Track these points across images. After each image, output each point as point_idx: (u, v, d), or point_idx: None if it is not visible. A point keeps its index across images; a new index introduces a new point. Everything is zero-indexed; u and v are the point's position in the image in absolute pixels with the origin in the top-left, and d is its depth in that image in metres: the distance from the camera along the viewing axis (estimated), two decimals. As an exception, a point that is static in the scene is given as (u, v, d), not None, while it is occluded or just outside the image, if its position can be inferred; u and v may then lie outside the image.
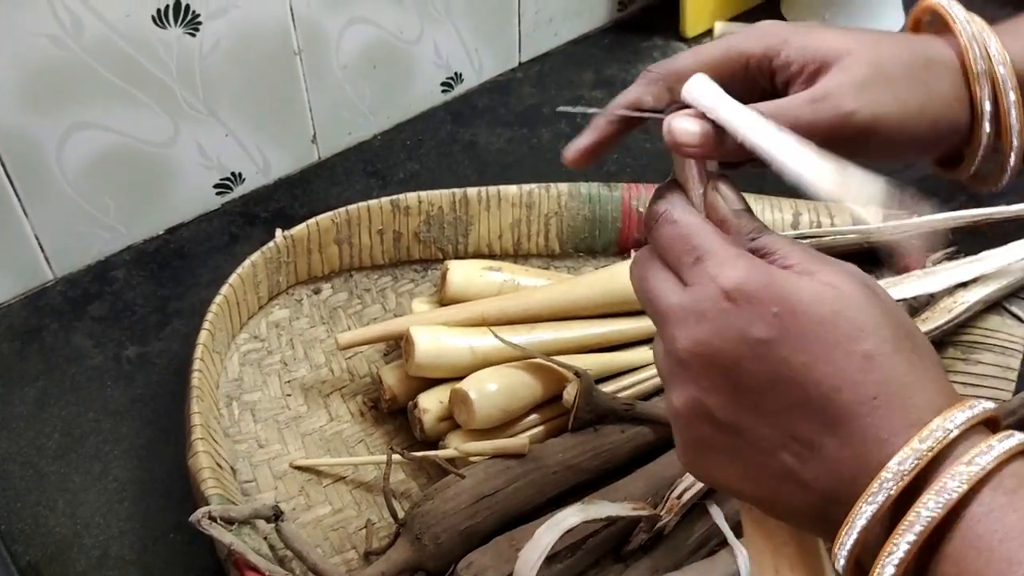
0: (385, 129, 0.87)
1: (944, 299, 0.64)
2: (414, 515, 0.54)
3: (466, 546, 0.54)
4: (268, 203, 0.80)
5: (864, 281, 0.31)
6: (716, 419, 0.31)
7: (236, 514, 0.51)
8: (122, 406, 0.66)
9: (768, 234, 0.33)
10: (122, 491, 0.62)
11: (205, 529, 0.48)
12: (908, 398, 0.29)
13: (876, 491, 0.28)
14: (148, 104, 0.71)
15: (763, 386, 0.30)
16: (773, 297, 0.30)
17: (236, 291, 0.66)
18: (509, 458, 0.57)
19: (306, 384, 0.66)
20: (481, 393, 0.58)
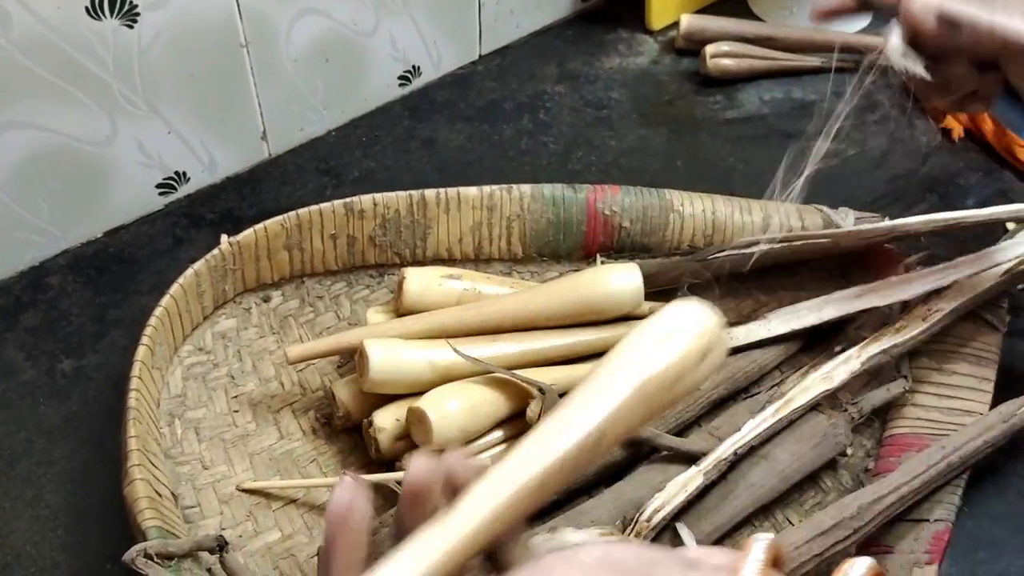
0: (339, 125, 0.83)
1: (918, 307, 0.62)
2: (370, 543, 0.51)
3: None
4: (215, 203, 0.76)
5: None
6: None
7: (176, 548, 0.48)
8: (56, 425, 0.62)
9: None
10: (55, 518, 0.58)
11: (140, 569, 0.45)
12: None
13: None
14: (83, 101, 0.66)
15: None
16: None
17: (178, 302, 0.62)
18: (470, 480, 0.54)
19: (254, 399, 0.63)
20: (440, 413, 0.55)
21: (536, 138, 0.83)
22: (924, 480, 0.54)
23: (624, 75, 0.89)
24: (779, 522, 0.57)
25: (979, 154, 0.83)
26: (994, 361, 0.63)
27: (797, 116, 0.87)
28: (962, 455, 0.55)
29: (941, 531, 0.54)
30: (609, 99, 0.87)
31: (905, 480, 0.53)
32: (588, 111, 0.86)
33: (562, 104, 0.86)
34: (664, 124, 0.84)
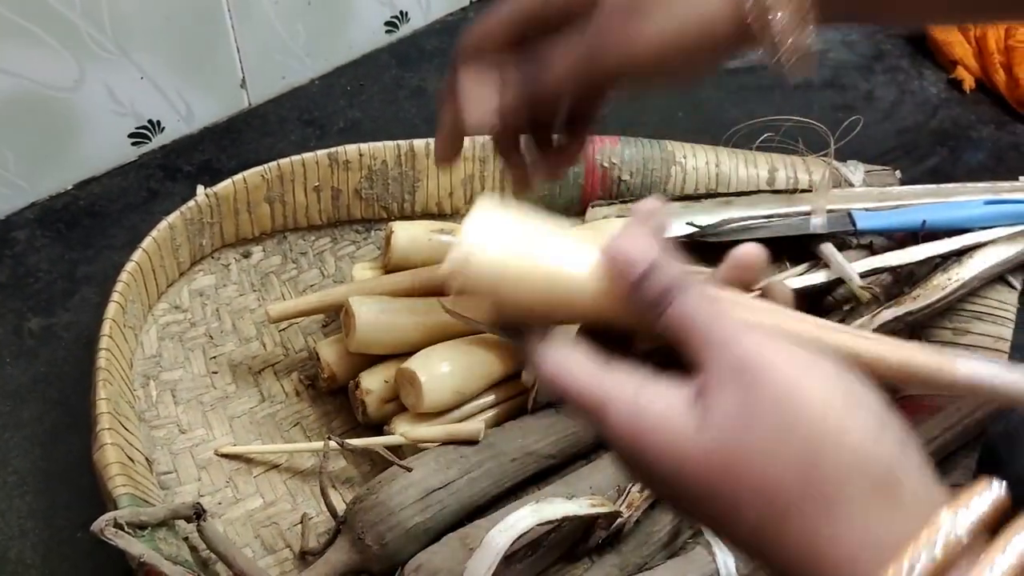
0: (323, 73, 0.79)
1: (937, 276, 0.59)
2: (355, 511, 0.48)
3: (414, 545, 0.48)
4: (192, 155, 0.72)
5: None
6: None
7: (149, 517, 0.45)
8: (23, 386, 0.59)
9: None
10: (23, 484, 0.54)
11: (110, 539, 0.41)
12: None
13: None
14: (48, 43, 0.62)
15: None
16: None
17: (151, 257, 0.58)
18: (462, 445, 0.51)
19: (234, 360, 0.59)
20: (431, 374, 0.52)
21: (530, 88, 0.79)
22: (940, 443, 0.51)
23: (622, 23, 0.85)
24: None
25: (991, 106, 0.79)
26: (1011, 320, 0.60)
27: (802, 66, 0.83)
28: (979, 417, 0.52)
29: (956, 496, 0.51)
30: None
31: (920, 443, 0.51)
32: (584, 60, 0.81)
33: (557, 53, 0.82)
34: (664, 74, 0.80)
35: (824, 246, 0.64)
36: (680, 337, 0.28)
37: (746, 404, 0.26)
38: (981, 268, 0.61)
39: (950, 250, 0.63)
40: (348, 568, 0.48)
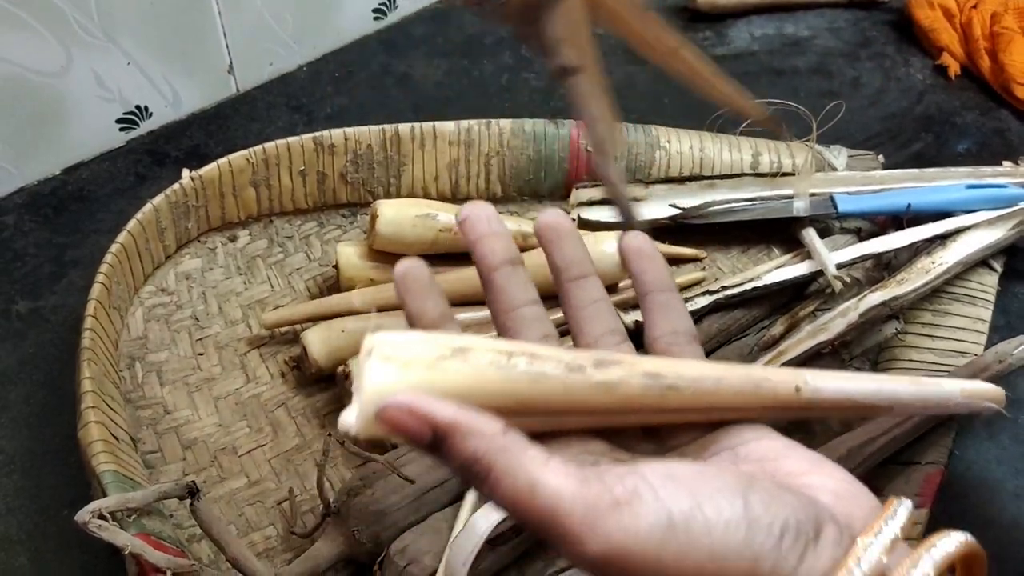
0: (311, 60, 0.79)
1: (921, 259, 0.60)
2: (348, 507, 0.48)
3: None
4: (180, 140, 0.73)
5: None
6: None
7: (138, 502, 0.45)
8: (10, 368, 0.59)
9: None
10: (10, 463, 0.55)
11: (93, 532, 0.42)
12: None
13: None
14: (35, 28, 0.62)
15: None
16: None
17: (136, 239, 0.58)
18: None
19: (220, 342, 0.60)
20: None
21: (518, 75, 0.80)
22: (916, 422, 0.52)
23: (609, 10, 0.85)
24: (765, 466, 0.55)
25: (976, 92, 0.80)
26: (989, 301, 0.61)
27: (789, 53, 0.84)
28: (956, 396, 0.52)
29: (932, 474, 0.52)
30: (594, 34, 0.83)
31: (896, 422, 0.51)
32: (571, 47, 0.82)
33: (544, 39, 0.82)
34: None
35: (805, 232, 0.64)
36: (516, 518, 0.26)
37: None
38: (965, 252, 0.61)
39: (933, 235, 0.63)
40: (338, 559, 0.48)
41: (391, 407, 0.25)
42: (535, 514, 0.25)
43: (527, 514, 0.25)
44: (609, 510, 0.24)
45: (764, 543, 0.24)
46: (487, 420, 0.25)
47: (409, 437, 0.25)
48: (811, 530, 0.25)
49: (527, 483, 0.24)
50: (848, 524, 0.26)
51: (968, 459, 0.55)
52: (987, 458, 0.56)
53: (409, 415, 0.25)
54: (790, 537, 0.25)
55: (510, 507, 0.25)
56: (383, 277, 0.60)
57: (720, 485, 0.25)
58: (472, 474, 0.25)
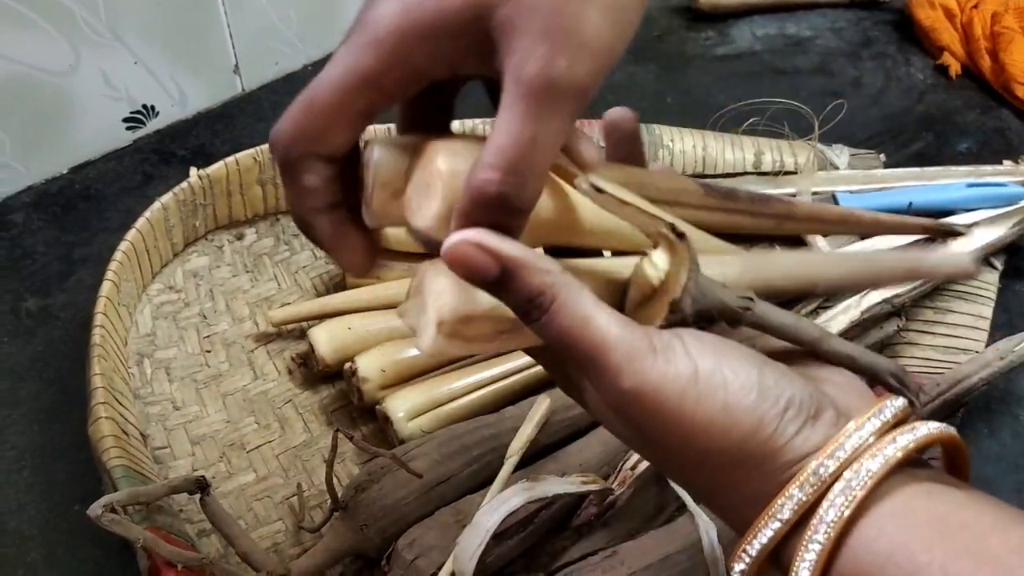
0: (316, 59, 0.79)
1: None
2: (357, 502, 0.49)
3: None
4: (186, 139, 0.73)
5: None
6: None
7: (148, 497, 0.45)
8: (21, 365, 0.60)
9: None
10: (21, 459, 0.56)
11: (106, 526, 0.42)
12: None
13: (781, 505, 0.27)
14: (43, 27, 0.63)
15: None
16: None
17: (145, 237, 0.59)
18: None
19: (228, 339, 0.60)
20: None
21: (521, 74, 0.80)
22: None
23: (612, 10, 0.86)
24: (768, 462, 0.55)
25: (977, 91, 0.80)
26: (990, 299, 0.61)
27: (791, 52, 0.84)
28: (957, 392, 0.53)
29: (934, 470, 0.52)
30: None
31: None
32: (575, 46, 0.82)
33: (548, 39, 0.83)
34: (654, 60, 0.81)
35: (809, 229, 0.65)
36: (562, 352, 0.28)
37: (640, 430, 0.29)
38: (966, 251, 0.62)
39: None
40: (346, 553, 0.49)
41: (462, 243, 0.27)
42: (584, 344, 0.27)
43: (576, 343, 0.27)
44: (647, 352, 0.27)
45: (769, 410, 0.27)
46: (549, 259, 0.28)
47: (476, 273, 0.27)
48: (812, 409, 0.28)
49: (583, 315, 0.27)
50: (846, 413, 0.28)
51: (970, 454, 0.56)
52: (988, 454, 0.57)
53: (478, 250, 0.27)
54: (792, 411, 0.27)
55: (561, 336, 0.27)
56: (390, 275, 0.60)
57: (740, 355, 0.28)
58: (535, 305, 0.27)
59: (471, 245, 0.27)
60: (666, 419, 0.27)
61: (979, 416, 0.58)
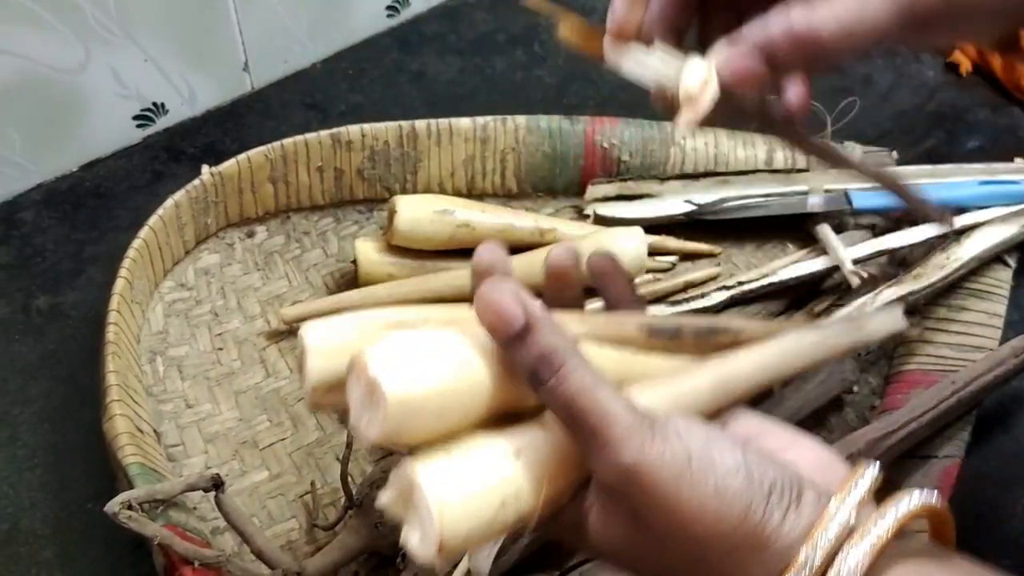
0: (325, 57, 0.79)
1: (936, 255, 0.60)
2: (372, 499, 0.49)
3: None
4: (195, 137, 0.73)
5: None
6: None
7: (164, 494, 0.45)
8: (32, 363, 0.59)
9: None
10: (33, 458, 0.55)
11: (124, 523, 0.42)
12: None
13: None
14: (54, 25, 0.63)
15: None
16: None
17: (158, 235, 0.59)
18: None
19: (240, 337, 0.60)
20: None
21: (530, 72, 0.80)
22: (934, 416, 0.52)
23: (621, 7, 0.86)
24: (783, 460, 0.55)
25: (987, 89, 0.80)
26: (1004, 296, 0.61)
27: (800, 50, 0.84)
28: (973, 390, 0.53)
29: (950, 467, 0.52)
30: (606, 32, 0.83)
31: (914, 416, 0.52)
32: (584, 44, 0.82)
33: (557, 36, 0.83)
34: (663, 58, 0.81)
35: (820, 227, 0.65)
36: (565, 419, 0.29)
37: (636, 517, 0.29)
38: (979, 248, 0.62)
39: (948, 231, 0.64)
40: (361, 551, 0.49)
41: (499, 290, 0.28)
42: (590, 413, 0.28)
43: (583, 411, 0.28)
44: (647, 431, 0.28)
45: (756, 494, 0.28)
46: (566, 329, 0.29)
47: (505, 319, 0.28)
48: (794, 493, 0.28)
49: (592, 383, 0.28)
50: (826, 491, 0.29)
51: (984, 452, 0.56)
52: (1003, 451, 0.56)
53: (513, 299, 0.28)
54: (776, 495, 0.28)
55: (567, 403, 0.28)
56: (401, 272, 0.60)
57: (725, 437, 0.29)
58: (546, 364, 0.28)
59: (508, 294, 0.28)
60: (662, 503, 0.28)
61: (993, 414, 0.57)
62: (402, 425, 0.28)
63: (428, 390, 0.28)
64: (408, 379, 0.28)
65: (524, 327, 0.28)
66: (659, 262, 0.64)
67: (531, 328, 0.28)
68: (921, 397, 0.53)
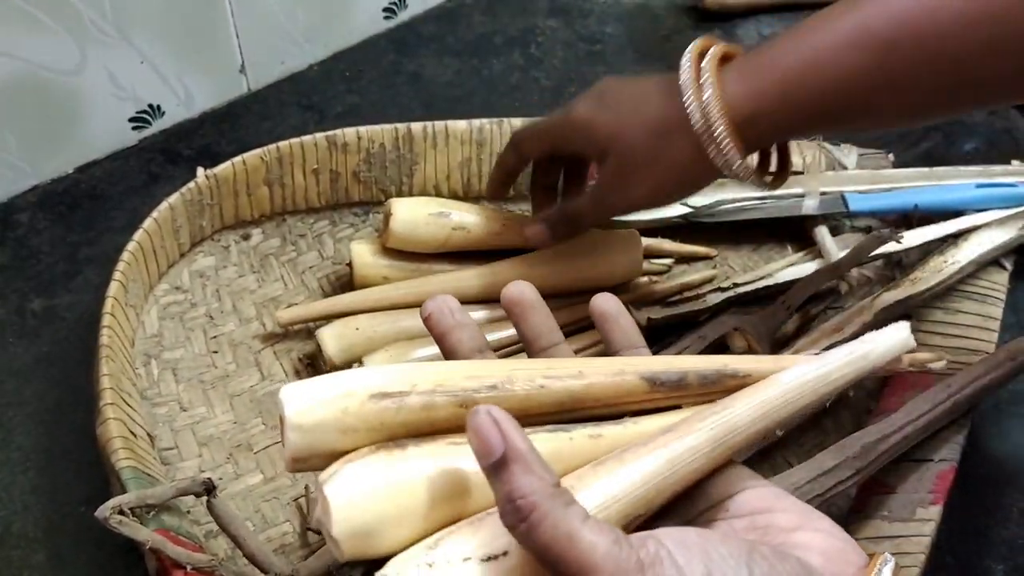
0: (322, 59, 0.79)
1: (934, 258, 0.60)
2: None
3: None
4: (192, 139, 0.73)
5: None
6: None
7: (156, 499, 0.45)
8: (26, 365, 0.59)
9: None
10: (26, 460, 0.55)
11: (114, 528, 0.42)
12: None
13: None
14: (50, 26, 0.63)
15: None
16: None
17: (152, 237, 0.59)
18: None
19: (235, 340, 0.60)
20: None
21: (527, 74, 0.80)
22: (929, 419, 0.52)
23: (618, 9, 0.86)
24: (778, 464, 0.55)
25: (985, 91, 0.80)
26: (1000, 299, 0.61)
27: (797, 52, 0.84)
28: (968, 393, 0.53)
29: (945, 471, 0.52)
30: (603, 33, 0.83)
31: (910, 419, 0.52)
32: (581, 46, 0.82)
33: (554, 39, 0.83)
34: (660, 60, 0.81)
35: (816, 230, 0.65)
36: (542, 563, 0.27)
37: None
38: (977, 252, 0.62)
39: (945, 234, 0.63)
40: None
41: (485, 413, 0.27)
42: (569, 563, 0.26)
43: (560, 561, 0.26)
44: (635, 570, 0.26)
45: None
46: (547, 468, 0.27)
47: (484, 445, 0.27)
48: None
49: (567, 533, 0.26)
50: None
51: (980, 456, 0.56)
52: (998, 455, 0.56)
53: (494, 427, 0.27)
54: None
55: (542, 551, 0.26)
56: (396, 275, 0.60)
57: (726, 552, 0.27)
58: (514, 508, 0.26)
59: (492, 420, 0.27)
60: None
61: (988, 417, 0.57)
62: (363, 552, 0.29)
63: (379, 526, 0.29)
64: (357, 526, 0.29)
65: (501, 458, 0.27)
66: (655, 265, 0.64)
67: (506, 461, 0.27)
68: (917, 400, 0.53)
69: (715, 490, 0.33)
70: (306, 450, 0.30)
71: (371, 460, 0.30)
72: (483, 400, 0.31)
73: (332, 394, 0.31)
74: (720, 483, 0.33)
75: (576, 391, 0.33)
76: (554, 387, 0.33)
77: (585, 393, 0.33)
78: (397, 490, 0.29)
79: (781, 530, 0.30)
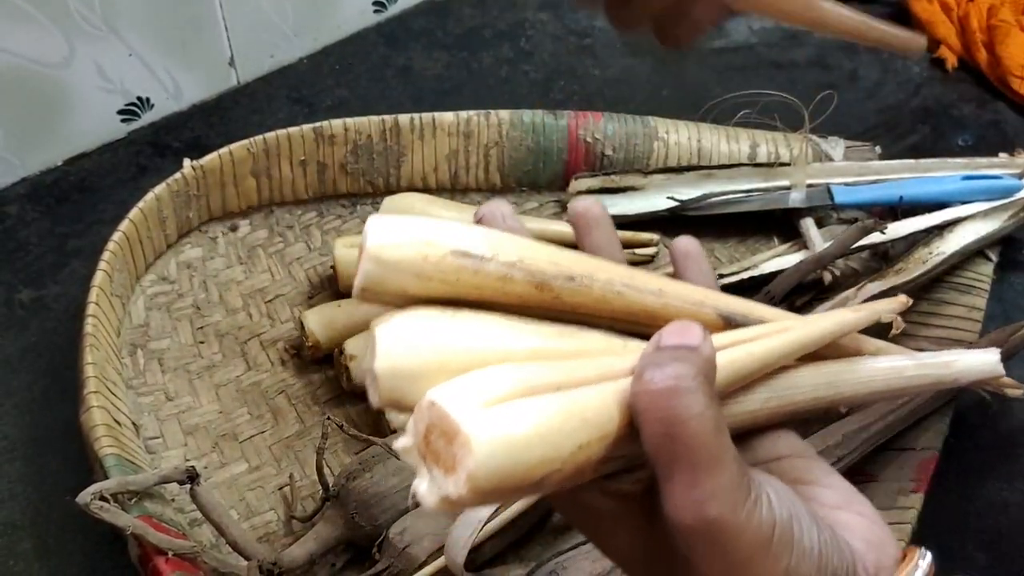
0: (311, 52, 0.79)
1: (919, 250, 0.60)
2: (347, 490, 0.49)
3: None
4: (181, 132, 0.73)
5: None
6: None
7: (138, 485, 0.45)
8: (13, 356, 0.60)
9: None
10: (13, 450, 0.56)
11: (95, 513, 0.42)
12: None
13: None
14: (37, 19, 0.63)
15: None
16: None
17: (138, 228, 0.59)
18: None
19: (221, 330, 0.60)
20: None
21: (516, 67, 0.80)
22: (911, 408, 0.52)
23: (608, 3, 0.86)
24: (762, 453, 0.55)
25: (973, 84, 0.80)
26: (985, 290, 0.61)
27: (787, 46, 0.84)
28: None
29: (927, 459, 0.52)
30: (592, 27, 0.84)
31: (892, 408, 0.52)
32: (571, 39, 0.82)
33: (544, 32, 0.83)
34: (650, 54, 0.81)
35: (802, 222, 0.65)
36: (661, 439, 0.25)
37: (689, 566, 0.27)
38: (962, 243, 0.62)
39: (930, 225, 0.64)
40: (337, 542, 0.49)
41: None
42: (699, 449, 0.25)
43: (690, 441, 0.25)
44: (744, 491, 0.25)
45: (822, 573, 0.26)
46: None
47: (684, 332, 0.26)
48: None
49: (715, 416, 0.25)
50: (876, 574, 0.27)
51: (962, 444, 0.56)
52: (980, 443, 0.56)
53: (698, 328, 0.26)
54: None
55: (672, 423, 0.25)
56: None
57: (806, 512, 0.27)
58: (677, 357, 0.26)
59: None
60: (727, 569, 0.25)
61: (971, 406, 0.57)
62: (399, 396, 0.26)
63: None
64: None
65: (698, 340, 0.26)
66: (639, 255, 0.64)
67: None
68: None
69: (763, 450, 0.31)
70: (377, 283, 0.28)
71: (426, 312, 0.29)
72: (558, 289, 0.30)
73: (417, 238, 0.29)
74: (767, 443, 0.31)
75: (652, 308, 0.31)
76: (631, 297, 0.30)
77: (660, 312, 0.31)
78: (445, 344, 0.28)
79: (823, 506, 0.29)
